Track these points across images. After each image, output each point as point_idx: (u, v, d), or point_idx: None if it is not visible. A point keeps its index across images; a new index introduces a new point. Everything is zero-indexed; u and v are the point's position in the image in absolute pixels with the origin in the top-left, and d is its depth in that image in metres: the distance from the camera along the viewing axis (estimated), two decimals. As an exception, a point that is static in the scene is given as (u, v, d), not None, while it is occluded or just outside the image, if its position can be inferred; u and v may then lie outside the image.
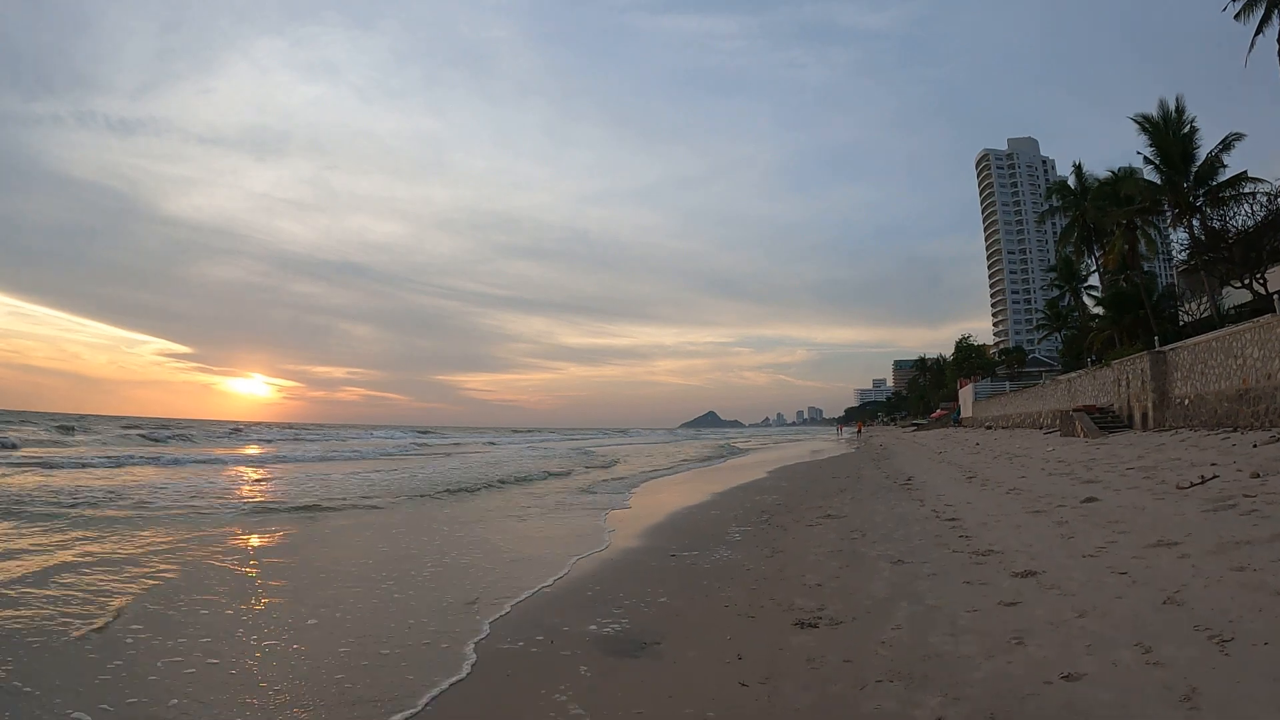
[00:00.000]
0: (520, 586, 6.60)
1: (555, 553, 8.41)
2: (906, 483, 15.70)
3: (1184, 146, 36.82)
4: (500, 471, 22.47)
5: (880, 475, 18.90)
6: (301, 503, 12.99)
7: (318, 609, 5.76)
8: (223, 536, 9.35)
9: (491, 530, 10.34)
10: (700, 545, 8.79)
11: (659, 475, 22.91)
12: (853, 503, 12.58)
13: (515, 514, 12.19)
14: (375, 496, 14.34)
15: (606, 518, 11.74)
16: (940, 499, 11.90)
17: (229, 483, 17.02)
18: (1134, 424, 24.53)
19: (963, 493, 12.66)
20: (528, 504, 13.68)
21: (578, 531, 10.25)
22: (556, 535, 9.96)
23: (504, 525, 10.94)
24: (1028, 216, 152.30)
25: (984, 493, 12.29)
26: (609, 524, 10.97)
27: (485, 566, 7.61)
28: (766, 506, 12.90)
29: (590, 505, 13.56)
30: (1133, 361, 24.97)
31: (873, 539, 8.45)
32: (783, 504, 13.23)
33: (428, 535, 9.74)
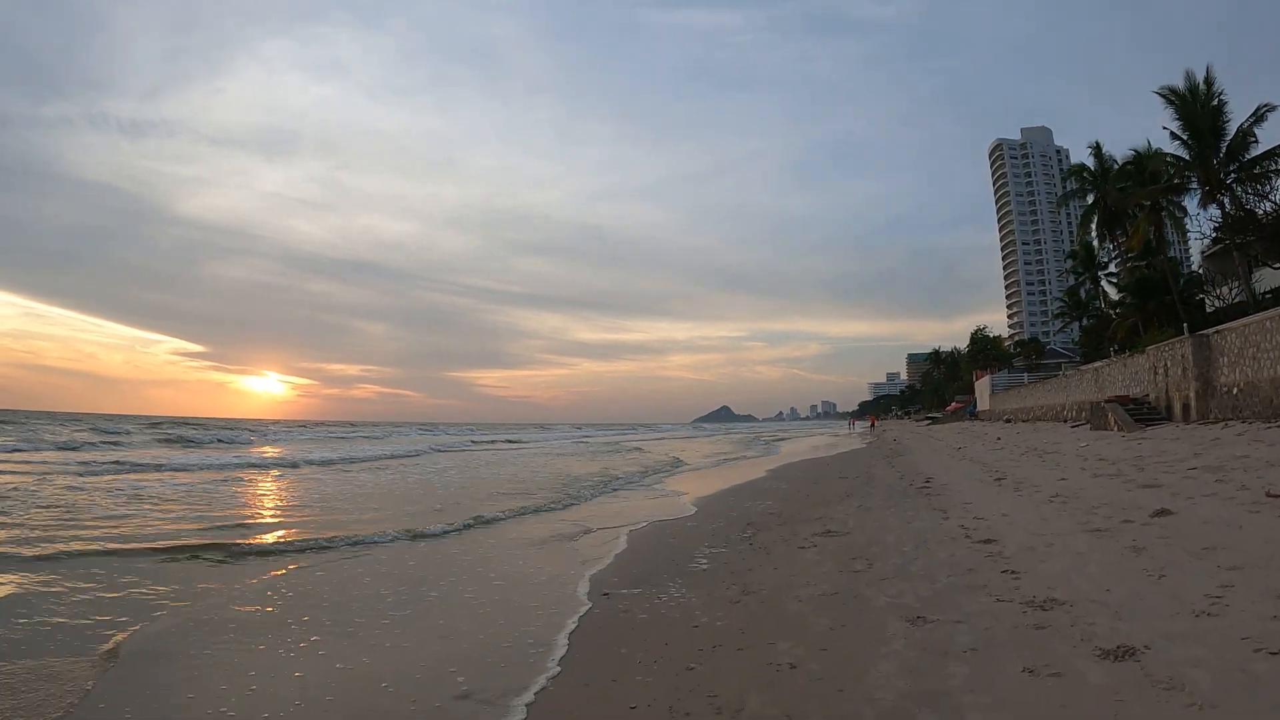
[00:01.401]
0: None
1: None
2: (924, 486, 13.48)
3: (1214, 120, 34.25)
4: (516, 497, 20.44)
5: (894, 475, 16.67)
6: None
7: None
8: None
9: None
10: (650, 577, 6.66)
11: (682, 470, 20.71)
12: (859, 512, 10.38)
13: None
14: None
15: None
16: (967, 509, 9.69)
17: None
18: (1173, 415, 22.20)
19: (994, 500, 10.45)
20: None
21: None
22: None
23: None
24: (1042, 207, 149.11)
25: (1020, 500, 10.07)
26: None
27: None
28: (755, 516, 10.72)
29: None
30: (1171, 347, 22.62)
31: (881, 572, 6.26)
32: (775, 513, 11.04)
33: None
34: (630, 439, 58.62)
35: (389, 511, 11.73)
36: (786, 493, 14.55)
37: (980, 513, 9.19)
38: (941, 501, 10.78)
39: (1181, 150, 35.69)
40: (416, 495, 14.89)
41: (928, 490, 12.67)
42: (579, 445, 45.42)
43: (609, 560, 7.69)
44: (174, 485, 15.59)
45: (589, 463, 26.07)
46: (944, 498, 11.23)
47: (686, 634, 4.85)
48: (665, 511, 12.11)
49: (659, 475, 20.68)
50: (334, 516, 11.19)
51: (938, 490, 12.49)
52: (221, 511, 11.48)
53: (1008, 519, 8.52)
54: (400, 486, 16.91)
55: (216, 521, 10.24)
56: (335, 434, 54.53)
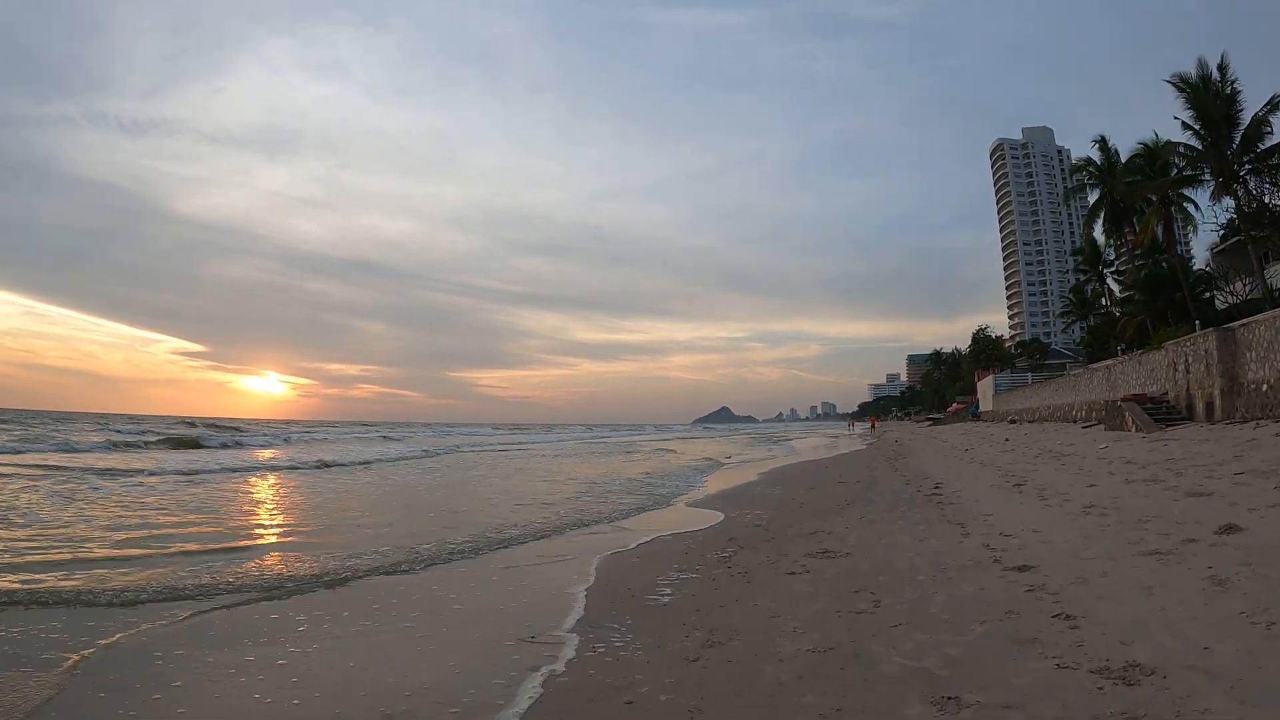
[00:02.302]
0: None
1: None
2: (934, 493, 12.02)
3: (1227, 108, 32.83)
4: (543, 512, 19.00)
5: (899, 480, 15.23)
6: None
7: None
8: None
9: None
10: (598, 617, 5.22)
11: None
12: (862, 525, 8.94)
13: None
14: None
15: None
16: (989, 523, 8.25)
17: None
18: (1194, 415, 20.75)
19: (1017, 511, 9.00)
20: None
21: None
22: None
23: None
24: (1043, 207, 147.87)
25: (1050, 512, 8.62)
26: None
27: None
28: (740, 530, 9.28)
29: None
30: (1193, 342, 21.17)
31: (892, 613, 4.82)
32: (764, 525, 9.59)
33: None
34: (642, 440, 58.30)
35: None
36: (780, 500, 13.11)
37: (1005, 527, 7.74)
38: (956, 512, 9.33)
39: (1193, 141, 34.30)
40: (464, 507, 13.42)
41: (938, 498, 11.22)
42: (602, 445, 45.33)
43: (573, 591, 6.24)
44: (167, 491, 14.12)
45: (640, 462, 25.98)
46: (959, 508, 9.78)
47: (614, 716, 3.40)
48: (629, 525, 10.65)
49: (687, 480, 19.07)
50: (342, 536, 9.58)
51: (950, 498, 11.04)
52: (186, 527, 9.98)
53: (1041, 536, 7.07)
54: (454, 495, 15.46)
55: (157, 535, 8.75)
56: (356, 434, 52.66)
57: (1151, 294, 40.75)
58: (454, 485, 17.90)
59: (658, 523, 10.46)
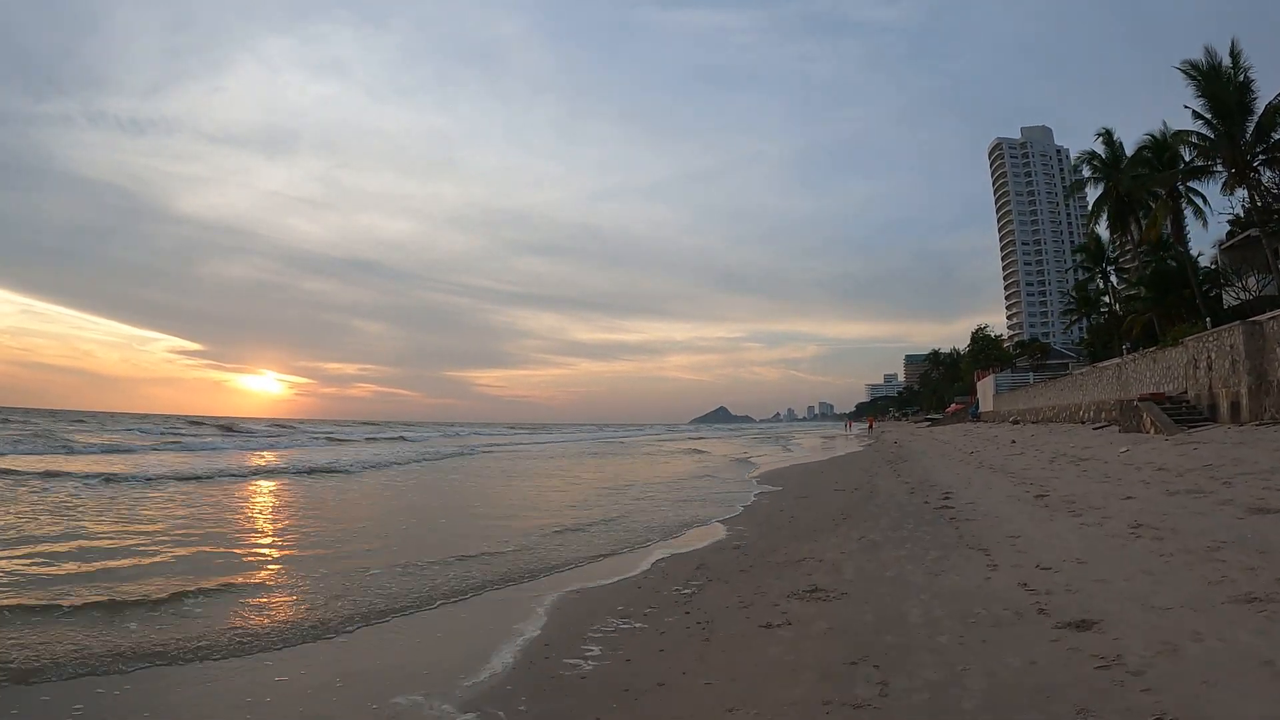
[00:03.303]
0: None
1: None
2: (944, 504, 10.50)
3: (1241, 96, 31.35)
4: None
5: (902, 488, 13.71)
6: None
7: None
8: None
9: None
10: (489, 693, 3.70)
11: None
12: (862, 550, 7.42)
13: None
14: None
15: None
16: (1015, 545, 6.74)
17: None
18: (1218, 415, 19.27)
19: (1047, 529, 7.47)
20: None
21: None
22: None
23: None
24: (1042, 206, 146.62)
25: (1087, 532, 7.10)
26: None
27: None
28: (710, 555, 7.77)
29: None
30: (1217, 337, 19.68)
31: (908, 703, 3.30)
32: (741, 547, 8.08)
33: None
34: (650, 439, 58.96)
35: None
36: (766, 512, 11.58)
37: (1040, 554, 6.23)
38: (975, 532, 7.80)
39: (1205, 130, 32.87)
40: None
41: (950, 511, 9.70)
42: (624, 445, 45.63)
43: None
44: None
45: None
46: (976, 525, 8.25)
47: None
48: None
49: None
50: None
51: (964, 512, 9.51)
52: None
53: (1089, 570, 5.55)
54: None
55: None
56: (368, 434, 51.76)
57: (1160, 291, 39.32)
58: (504, 490, 16.65)
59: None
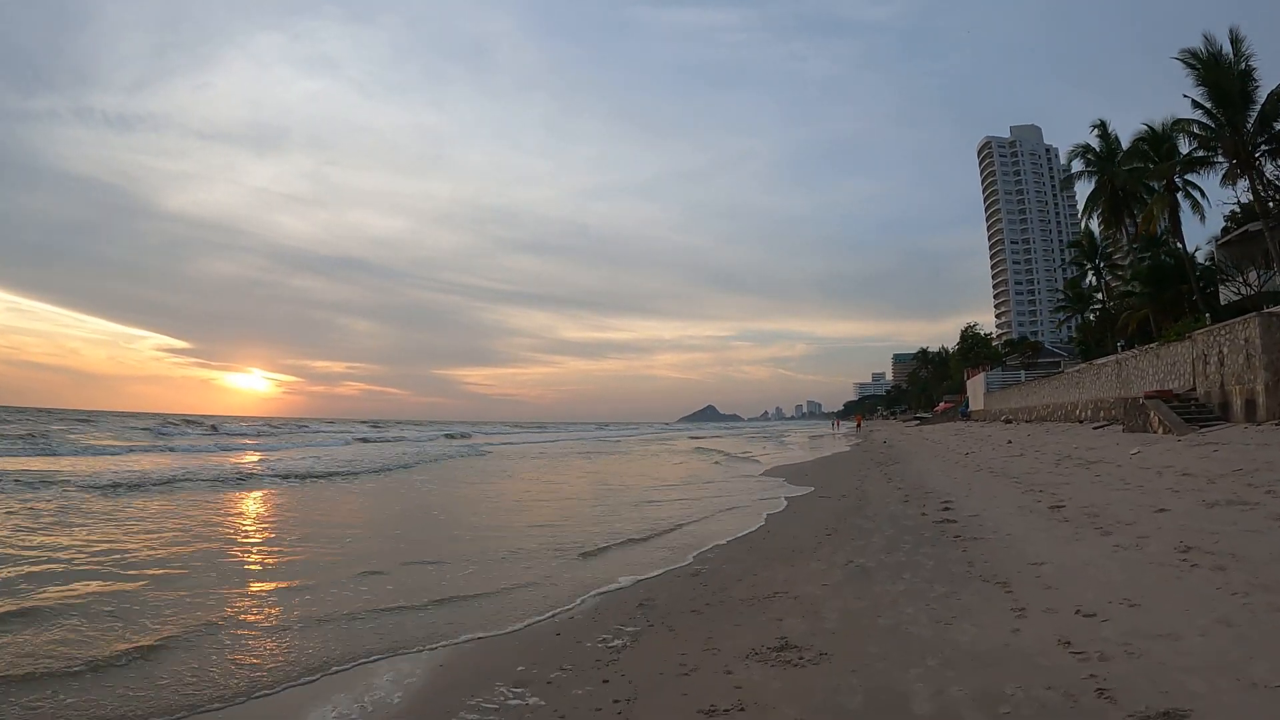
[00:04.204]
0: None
1: None
2: (945, 516, 9.03)
3: (1243, 84, 30.15)
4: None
5: (895, 495, 12.26)
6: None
7: None
8: None
9: None
10: None
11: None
12: (849, 579, 5.94)
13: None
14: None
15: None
16: (1040, 576, 5.26)
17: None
18: (1230, 414, 17.98)
19: (1074, 552, 6.00)
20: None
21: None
22: None
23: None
24: (1031, 205, 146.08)
25: (1125, 558, 5.62)
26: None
27: None
28: (661, 587, 6.27)
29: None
30: (1230, 330, 18.38)
31: None
32: (700, 575, 6.59)
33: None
34: (653, 439, 59.80)
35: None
36: (720, 528, 10.10)
37: (1076, 591, 4.75)
38: (987, 555, 6.33)
39: (1206, 119, 31.71)
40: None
41: (952, 526, 8.24)
42: (633, 443, 45.65)
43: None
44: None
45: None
46: (987, 547, 6.78)
47: None
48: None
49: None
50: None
51: (969, 527, 8.05)
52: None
53: (1147, 617, 4.07)
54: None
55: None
56: (356, 433, 49.92)
57: (1156, 286, 38.24)
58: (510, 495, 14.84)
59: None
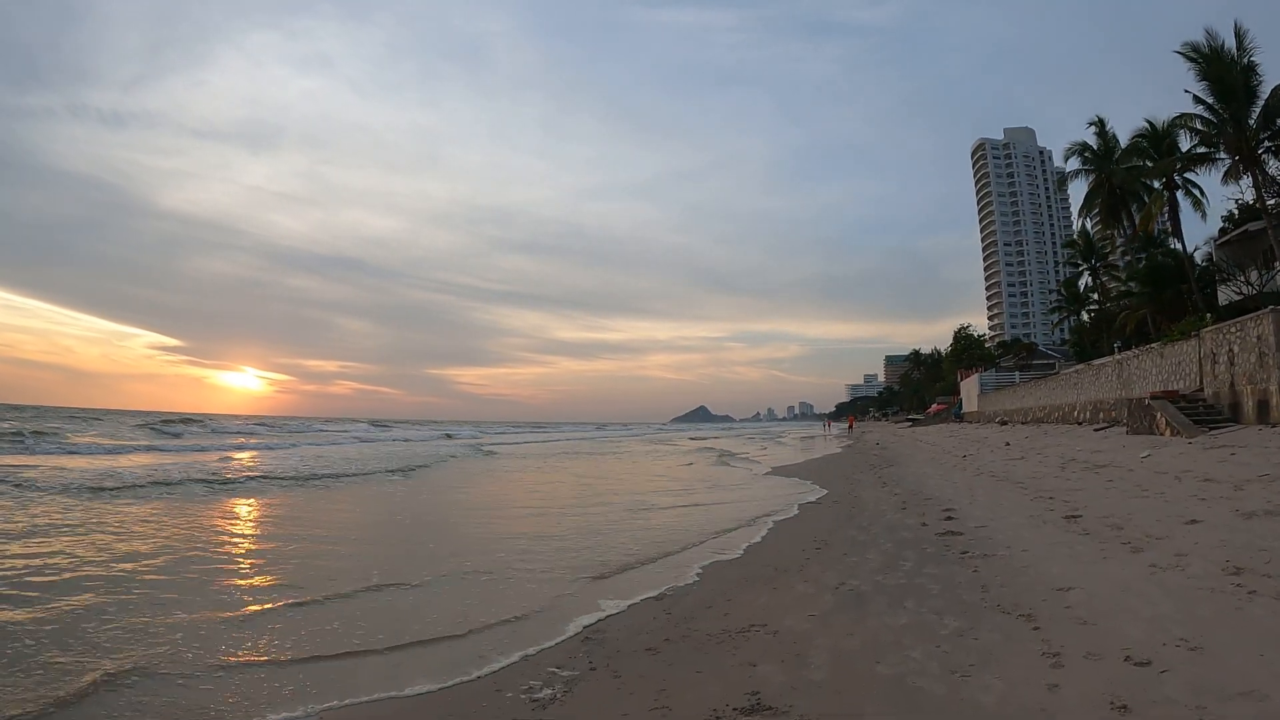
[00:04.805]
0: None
1: None
2: (949, 528, 8.01)
3: (1246, 79, 29.33)
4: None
5: (891, 501, 11.26)
6: None
7: None
8: None
9: None
10: None
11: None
12: (840, 611, 4.91)
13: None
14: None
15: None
16: (1070, 608, 4.23)
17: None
18: (1241, 415, 17.10)
19: (1104, 573, 4.98)
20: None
21: None
22: None
23: None
24: (1024, 208, 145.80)
25: (1168, 582, 4.59)
26: None
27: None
28: (614, 623, 5.25)
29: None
30: (1240, 327, 17.49)
31: None
32: (664, 602, 5.57)
33: None
34: (655, 438, 60.29)
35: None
36: (703, 542, 9.08)
37: (1119, 627, 3.74)
38: (1002, 577, 5.31)
39: (1208, 115, 30.90)
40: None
41: (958, 537, 7.23)
42: (638, 443, 45.15)
43: None
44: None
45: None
46: (1000, 565, 5.77)
47: None
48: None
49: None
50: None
51: (977, 539, 7.05)
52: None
53: (1216, 665, 3.05)
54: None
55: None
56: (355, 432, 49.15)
57: (1155, 286, 37.47)
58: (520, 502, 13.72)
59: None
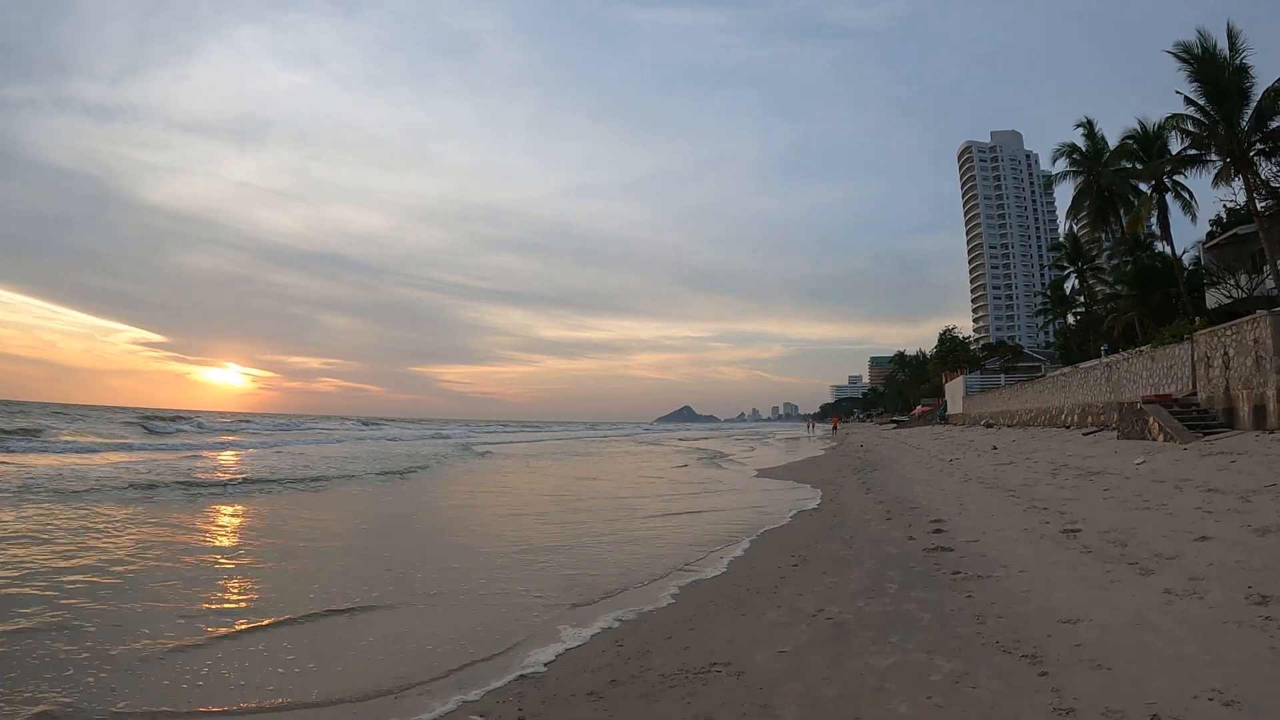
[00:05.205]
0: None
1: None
2: (936, 540, 7.23)
3: (1238, 80, 28.86)
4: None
5: (875, 509, 10.48)
6: None
7: None
8: None
9: None
10: None
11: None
12: (815, 647, 4.09)
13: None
14: None
15: None
16: (1081, 648, 3.43)
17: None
18: (1237, 421, 16.51)
19: (1124, 609, 4.14)
20: None
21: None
22: None
23: None
24: (1010, 210, 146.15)
25: (1189, 614, 3.80)
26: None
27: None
28: (545, 670, 4.42)
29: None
30: (1237, 330, 16.90)
31: None
32: (618, 632, 4.75)
33: None
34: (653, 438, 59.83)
35: None
36: (672, 558, 8.27)
37: (1142, 673, 2.94)
38: (1000, 605, 4.52)
39: (1199, 116, 30.41)
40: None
41: (948, 554, 6.44)
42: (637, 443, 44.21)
43: None
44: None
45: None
46: (994, 587, 4.97)
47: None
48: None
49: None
50: None
51: (968, 557, 6.26)
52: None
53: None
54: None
55: None
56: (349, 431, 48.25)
57: (1144, 289, 37.03)
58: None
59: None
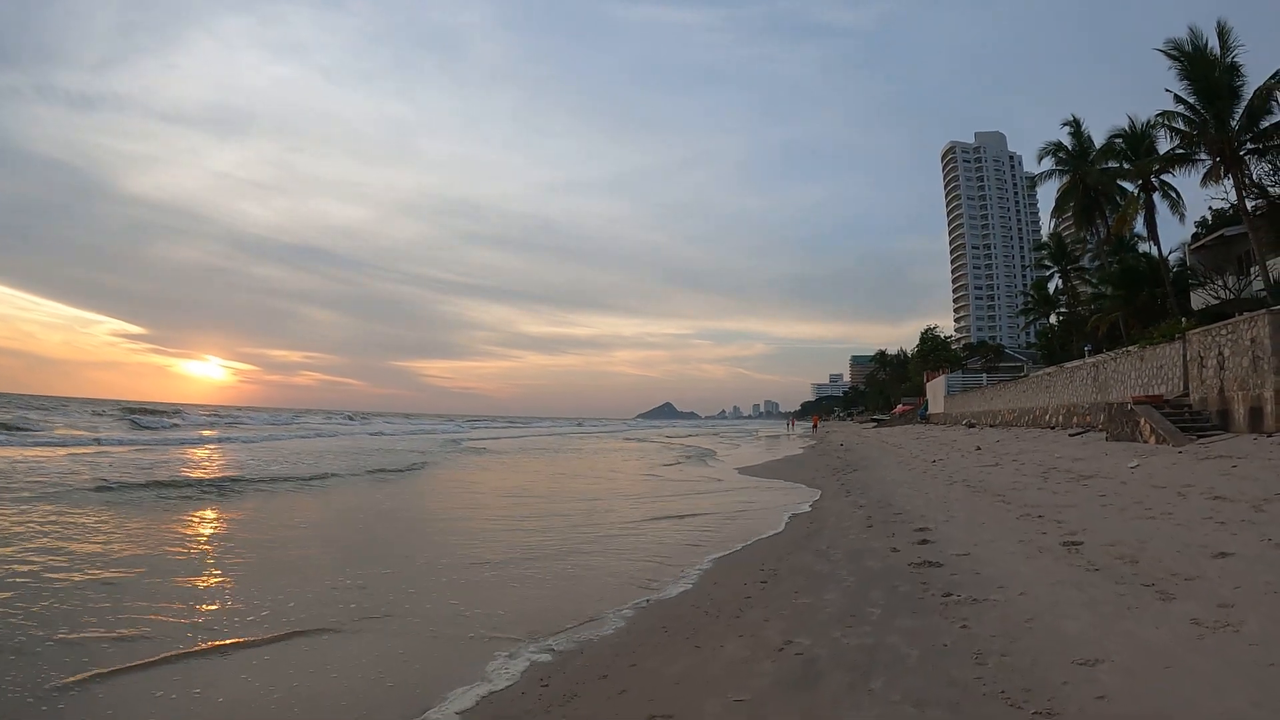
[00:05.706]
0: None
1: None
2: (921, 552, 6.32)
3: (1229, 79, 28.36)
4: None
5: (855, 515, 9.59)
6: None
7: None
8: None
9: None
10: None
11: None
12: (779, 688, 3.16)
13: None
14: None
15: None
16: (1107, 703, 2.58)
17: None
18: (1231, 423, 15.85)
19: (1146, 646, 3.25)
20: None
21: None
22: None
23: None
24: (993, 211, 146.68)
25: (1226, 651, 3.02)
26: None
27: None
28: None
29: None
30: (1233, 329, 16.22)
31: None
32: (542, 685, 3.82)
33: None
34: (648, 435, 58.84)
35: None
36: (633, 572, 7.34)
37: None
38: (998, 636, 3.60)
39: (1189, 114, 29.89)
40: None
41: (936, 569, 5.54)
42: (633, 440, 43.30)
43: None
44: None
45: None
46: (993, 614, 4.05)
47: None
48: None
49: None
50: None
51: (960, 574, 5.36)
52: None
53: None
54: None
55: None
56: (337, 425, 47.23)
57: (1129, 289, 36.64)
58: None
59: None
